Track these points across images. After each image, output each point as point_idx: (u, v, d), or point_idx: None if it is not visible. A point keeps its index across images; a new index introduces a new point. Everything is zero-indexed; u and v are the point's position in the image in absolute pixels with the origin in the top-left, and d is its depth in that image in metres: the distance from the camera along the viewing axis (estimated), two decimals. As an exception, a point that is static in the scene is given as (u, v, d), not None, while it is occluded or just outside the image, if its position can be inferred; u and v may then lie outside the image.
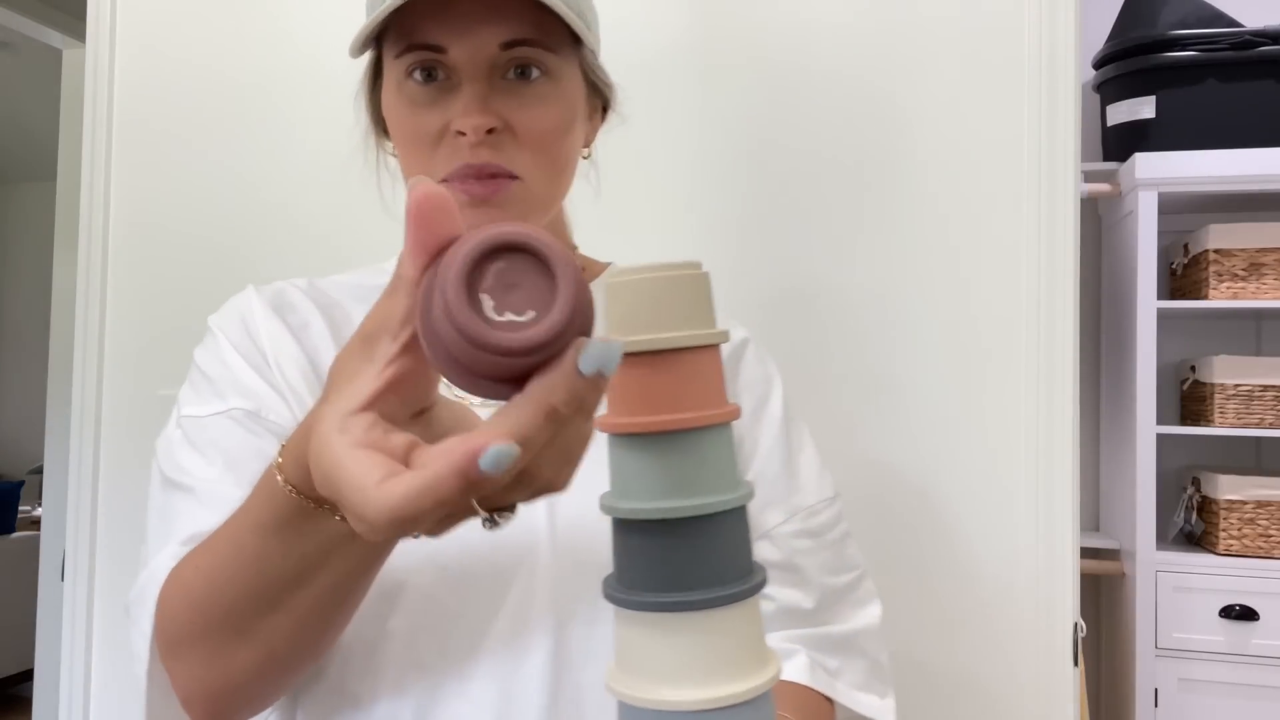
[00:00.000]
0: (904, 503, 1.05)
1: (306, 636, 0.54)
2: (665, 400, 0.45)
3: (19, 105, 4.19)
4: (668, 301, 0.46)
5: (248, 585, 0.52)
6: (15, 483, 4.22)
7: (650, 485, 0.45)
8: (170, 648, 0.56)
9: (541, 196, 0.67)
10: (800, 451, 0.77)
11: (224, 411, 0.66)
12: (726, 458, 0.47)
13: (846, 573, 0.76)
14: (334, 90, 1.25)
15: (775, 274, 1.10)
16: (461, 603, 0.62)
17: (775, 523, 0.74)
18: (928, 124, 1.07)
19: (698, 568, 0.46)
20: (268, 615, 0.52)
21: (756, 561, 0.49)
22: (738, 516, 0.47)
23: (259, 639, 0.53)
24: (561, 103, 0.66)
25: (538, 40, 0.63)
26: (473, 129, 0.62)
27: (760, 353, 0.80)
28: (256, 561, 0.51)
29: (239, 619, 0.53)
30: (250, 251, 1.27)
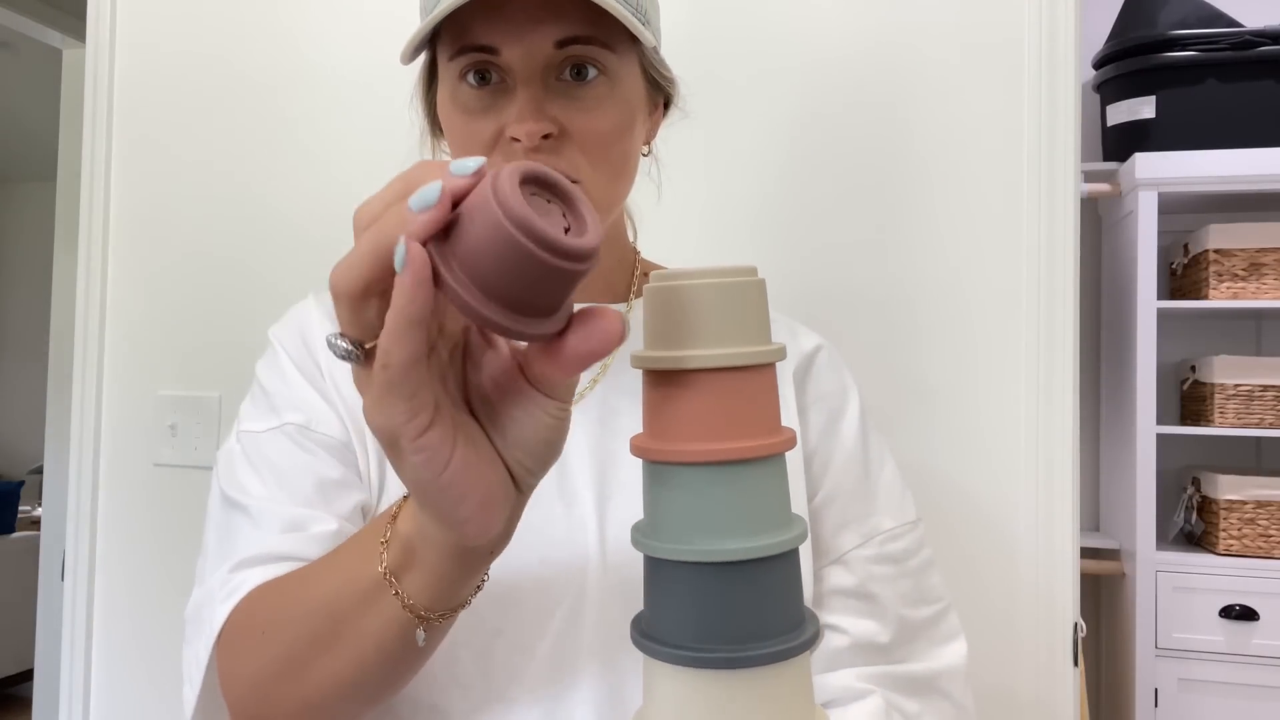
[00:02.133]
0: (904, 503, 1.05)
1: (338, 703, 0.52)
2: (713, 426, 0.40)
3: (19, 105, 4.19)
4: (730, 310, 0.41)
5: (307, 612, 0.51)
6: (15, 483, 4.21)
7: (691, 522, 0.40)
8: (232, 654, 0.56)
9: (601, 200, 0.64)
10: (880, 470, 0.72)
11: (278, 427, 0.66)
12: (778, 492, 0.42)
13: (928, 605, 0.70)
14: (334, 90, 1.25)
15: (772, 276, 1.10)
16: (505, 620, 0.60)
17: (850, 546, 0.69)
18: (927, 124, 1.08)
19: (741, 618, 0.40)
20: (316, 662, 0.51)
21: (809, 610, 0.44)
22: (789, 561, 0.42)
23: (305, 686, 0.52)
24: (620, 103, 0.63)
25: (593, 38, 0.61)
26: (527, 135, 0.59)
27: (834, 361, 0.75)
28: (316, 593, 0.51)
29: (294, 653, 0.52)
30: (250, 251, 1.27)
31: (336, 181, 1.24)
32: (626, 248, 0.75)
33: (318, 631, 0.50)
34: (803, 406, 0.72)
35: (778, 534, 0.41)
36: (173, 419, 1.28)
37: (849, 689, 0.66)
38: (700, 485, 0.40)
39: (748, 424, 0.40)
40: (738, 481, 0.40)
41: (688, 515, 0.40)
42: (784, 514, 0.42)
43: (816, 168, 1.10)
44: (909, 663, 0.68)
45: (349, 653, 0.49)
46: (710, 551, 0.40)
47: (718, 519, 0.40)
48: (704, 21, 1.12)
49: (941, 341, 1.07)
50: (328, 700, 0.51)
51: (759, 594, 0.40)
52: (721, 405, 0.40)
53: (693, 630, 0.40)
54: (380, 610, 0.47)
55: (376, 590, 0.47)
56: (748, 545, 0.40)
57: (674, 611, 0.41)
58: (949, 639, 0.70)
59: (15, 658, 3.90)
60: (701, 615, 0.40)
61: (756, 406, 0.41)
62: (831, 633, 0.68)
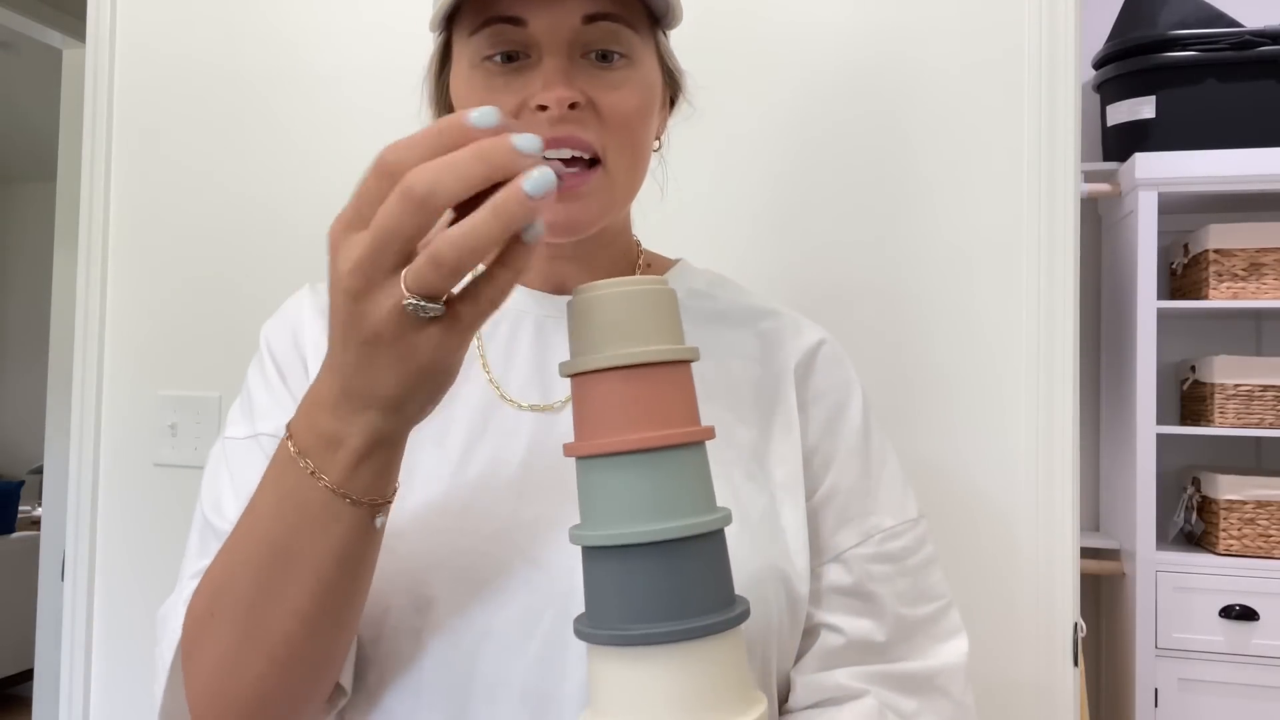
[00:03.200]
0: (904, 503, 1.05)
1: (305, 643, 0.53)
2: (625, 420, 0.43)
3: (19, 105, 4.19)
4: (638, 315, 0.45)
5: (249, 564, 0.53)
6: (15, 483, 4.22)
7: (613, 510, 0.43)
8: (188, 652, 0.57)
9: (623, 185, 0.64)
10: (881, 467, 0.71)
11: (253, 437, 0.67)
12: (696, 479, 0.44)
13: (928, 603, 0.69)
14: (334, 90, 1.25)
15: (773, 275, 1.10)
16: (494, 622, 0.59)
17: (849, 544, 0.68)
18: (928, 124, 1.08)
19: (665, 598, 0.43)
20: (268, 607, 0.52)
21: (739, 595, 0.46)
22: (710, 542, 0.44)
23: (263, 641, 0.52)
24: (643, 86, 0.63)
25: (620, 15, 0.61)
26: (556, 102, 0.58)
27: (837, 356, 0.74)
28: (256, 537, 0.52)
29: (246, 613, 0.53)
30: (250, 251, 1.27)
31: (336, 181, 1.23)
32: (629, 240, 0.75)
33: (270, 580, 0.52)
34: (803, 402, 0.71)
35: (695, 517, 0.43)
36: (173, 419, 1.28)
37: (843, 688, 0.66)
38: (618, 474, 0.43)
39: (660, 417, 0.44)
40: (653, 469, 0.43)
41: (609, 504, 0.44)
42: (702, 499, 0.45)
43: (816, 166, 1.10)
44: (907, 661, 0.67)
45: (308, 581, 0.51)
46: (628, 534, 0.43)
47: (636, 505, 0.43)
48: (708, 20, 1.12)
49: (941, 341, 1.07)
50: (293, 643, 0.52)
51: (679, 574, 0.43)
52: (633, 400, 0.44)
53: (619, 612, 0.43)
54: (330, 525, 0.50)
55: (327, 510, 0.49)
56: (663, 527, 0.43)
57: (603, 596, 0.44)
58: (949, 636, 0.69)
59: (15, 658, 3.90)
60: (626, 597, 0.43)
61: (669, 401, 0.44)
62: (828, 632, 0.67)
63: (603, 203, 0.63)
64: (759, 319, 0.74)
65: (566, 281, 0.71)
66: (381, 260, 0.42)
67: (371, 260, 0.43)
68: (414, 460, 0.63)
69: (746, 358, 0.72)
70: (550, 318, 0.70)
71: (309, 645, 0.53)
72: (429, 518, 0.62)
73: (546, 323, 0.70)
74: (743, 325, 0.74)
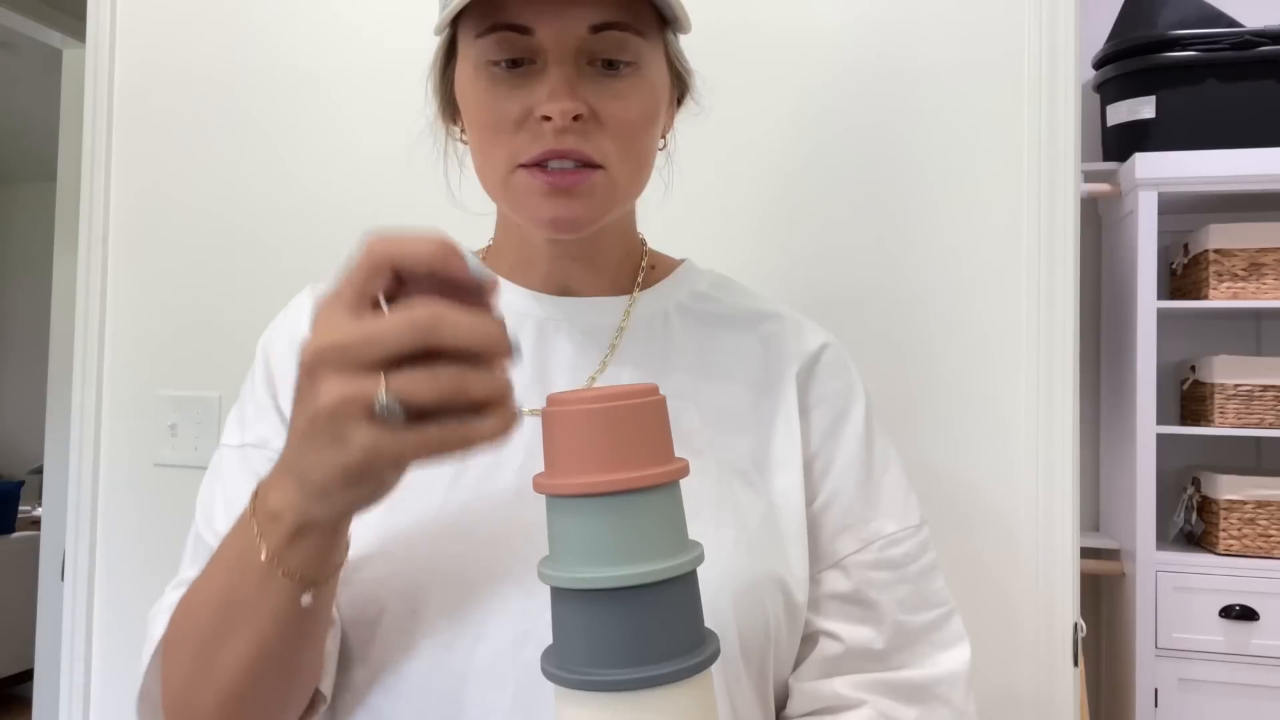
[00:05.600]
0: (904, 503, 1.05)
1: (252, 687, 0.55)
2: (593, 460, 0.43)
3: (19, 105, 4.19)
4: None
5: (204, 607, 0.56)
6: (15, 483, 4.22)
7: (580, 551, 0.43)
8: (163, 666, 0.59)
9: (624, 188, 0.64)
10: (883, 473, 0.71)
11: (240, 446, 0.69)
12: (666, 520, 0.44)
13: (929, 610, 0.68)
14: (334, 90, 1.25)
15: (775, 275, 1.10)
16: (488, 625, 0.59)
17: (849, 551, 0.68)
18: (929, 124, 1.07)
19: (632, 642, 0.42)
20: (216, 651, 0.54)
21: (709, 630, 0.46)
22: (679, 585, 0.44)
23: (213, 679, 0.55)
24: (649, 92, 0.64)
25: (627, 24, 0.61)
26: (559, 113, 0.59)
27: (840, 360, 0.73)
28: (211, 584, 0.55)
29: (198, 650, 0.55)
30: (251, 251, 1.27)
31: (336, 181, 1.23)
32: (634, 240, 0.75)
33: (220, 625, 0.54)
34: (805, 407, 0.70)
35: (661, 561, 0.42)
36: (173, 419, 1.28)
37: (840, 697, 0.65)
38: (584, 516, 0.43)
39: (629, 457, 0.43)
40: (620, 512, 0.42)
41: (574, 545, 0.43)
42: (671, 541, 0.43)
43: (817, 167, 1.10)
44: (907, 669, 0.66)
45: (249, 634, 0.53)
46: (591, 579, 0.42)
47: (602, 549, 0.42)
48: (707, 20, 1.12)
49: (941, 341, 1.07)
50: (241, 684, 0.54)
51: (644, 620, 0.42)
52: (601, 440, 0.43)
53: (588, 656, 0.42)
54: (266, 592, 0.51)
55: (264, 576, 0.51)
56: (628, 573, 0.42)
57: (571, 638, 0.43)
58: (951, 644, 0.68)
59: (15, 658, 3.90)
60: (595, 641, 0.42)
61: (640, 438, 0.43)
62: (826, 639, 0.67)
63: (602, 202, 0.63)
64: (761, 322, 0.74)
65: (569, 282, 0.71)
66: (361, 354, 0.43)
67: (350, 349, 0.43)
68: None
69: (748, 362, 0.71)
70: (552, 320, 0.70)
71: (256, 689, 0.55)
72: (425, 523, 0.62)
73: (547, 325, 0.70)
74: (745, 329, 0.73)
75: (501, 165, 0.63)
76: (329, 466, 0.45)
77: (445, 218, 0.83)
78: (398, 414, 0.43)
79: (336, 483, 0.46)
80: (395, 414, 0.43)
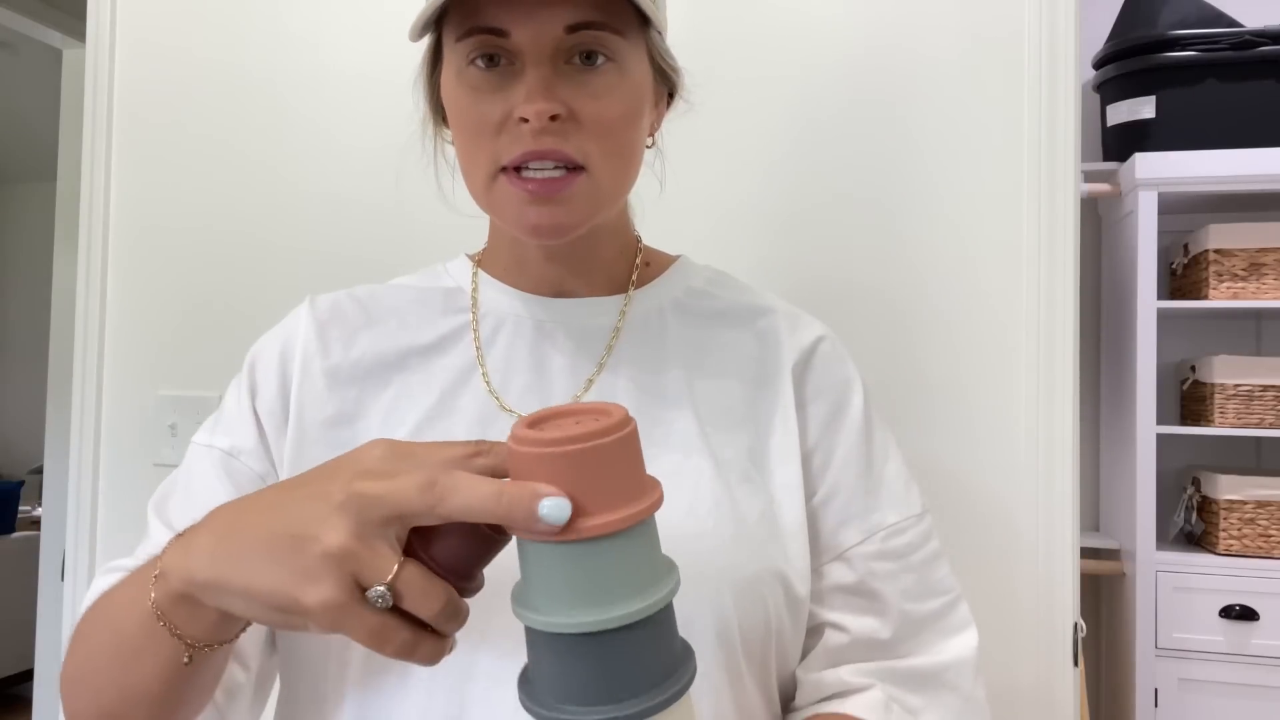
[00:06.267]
0: (904, 503, 1.05)
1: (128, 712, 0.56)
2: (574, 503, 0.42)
3: (19, 105, 4.19)
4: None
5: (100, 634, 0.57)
6: (15, 483, 4.22)
7: (549, 594, 0.43)
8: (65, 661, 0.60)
9: (608, 189, 0.64)
10: (884, 463, 0.71)
11: (208, 445, 0.70)
12: (640, 557, 0.43)
13: (934, 598, 0.68)
14: (334, 90, 1.25)
15: (772, 273, 1.10)
16: (489, 626, 0.59)
17: (852, 543, 0.68)
18: (928, 123, 1.08)
19: (607, 681, 0.42)
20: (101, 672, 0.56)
21: (685, 649, 0.46)
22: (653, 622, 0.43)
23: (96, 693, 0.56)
24: (628, 90, 0.63)
25: (604, 23, 0.61)
26: (536, 114, 0.59)
27: (835, 353, 0.73)
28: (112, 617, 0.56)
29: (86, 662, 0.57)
30: (250, 251, 1.27)
31: (336, 181, 1.23)
32: (629, 238, 0.75)
33: (105, 646, 0.55)
34: (802, 401, 0.70)
35: (632, 603, 0.42)
36: (173, 419, 1.28)
37: (846, 684, 0.65)
38: (553, 559, 0.42)
39: (595, 500, 0.42)
40: (587, 558, 0.42)
41: (545, 585, 0.43)
42: (642, 577, 0.43)
43: (817, 166, 1.10)
44: (913, 657, 0.67)
45: (132, 667, 0.54)
46: (561, 624, 0.42)
47: (571, 591, 0.42)
48: (706, 17, 1.12)
49: (941, 341, 1.07)
50: (116, 706, 0.56)
51: (614, 661, 0.42)
52: (564, 484, 0.42)
53: (555, 692, 0.43)
54: (151, 640, 0.52)
55: (150, 621, 0.51)
56: (596, 619, 0.41)
57: (544, 674, 0.44)
58: (958, 630, 0.68)
59: (15, 658, 3.90)
60: (567, 680, 0.43)
61: (603, 482, 0.42)
62: (832, 630, 0.67)
63: (585, 206, 0.63)
64: (757, 317, 0.74)
65: (564, 283, 0.71)
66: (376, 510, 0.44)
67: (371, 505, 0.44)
68: None
69: (744, 357, 0.71)
70: (548, 322, 0.70)
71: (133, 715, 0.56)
72: None
73: (544, 327, 0.70)
74: (741, 324, 0.73)
75: (484, 169, 0.63)
76: (273, 587, 0.45)
77: (440, 220, 0.83)
78: (386, 603, 0.43)
79: (265, 601, 0.45)
80: (383, 602, 0.43)
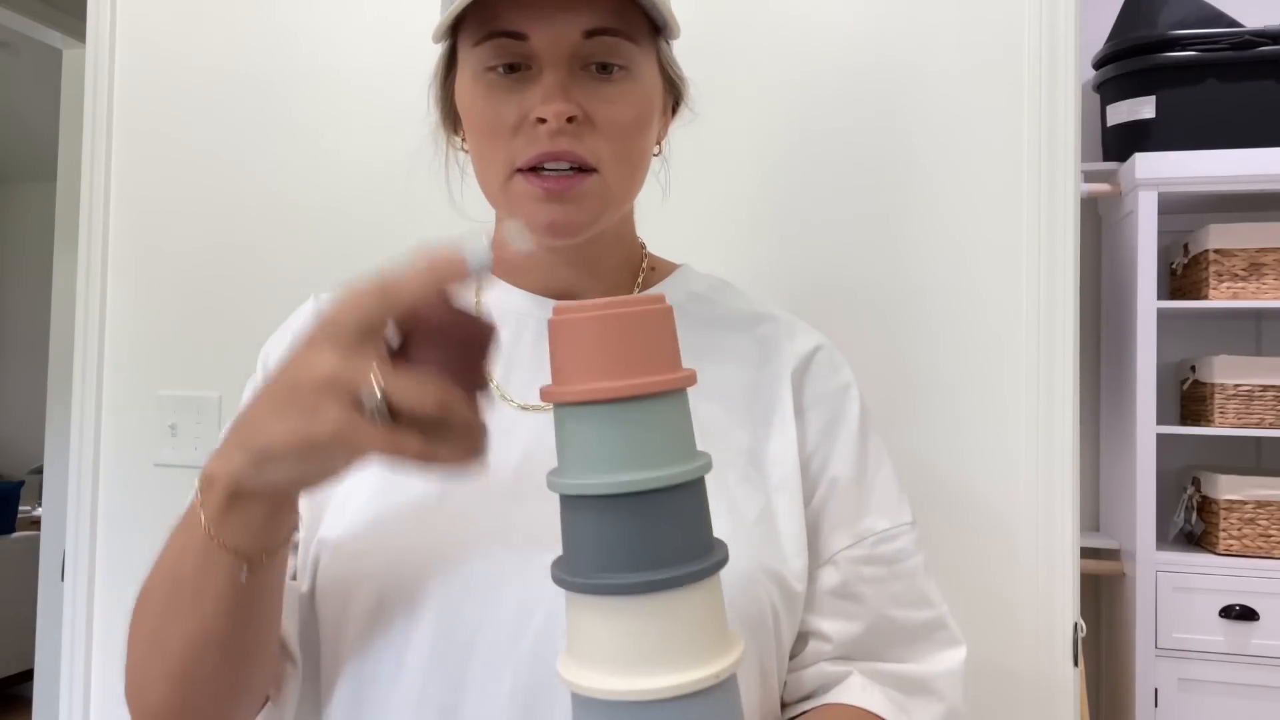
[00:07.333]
0: (904, 503, 1.05)
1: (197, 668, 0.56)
2: (600, 367, 0.43)
3: (19, 105, 4.19)
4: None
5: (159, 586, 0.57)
6: (15, 483, 4.22)
7: (589, 459, 0.43)
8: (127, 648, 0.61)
9: (617, 192, 0.66)
10: (876, 471, 0.72)
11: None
12: (673, 428, 0.44)
13: (925, 608, 0.70)
14: (334, 90, 1.25)
15: (773, 276, 1.10)
16: (486, 617, 0.60)
17: (841, 546, 0.69)
18: (928, 124, 1.07)
19: (643, 547, 0.43)
20: (166, 629, 0.56)
21: (718, 540, 0.46)
22: (686, 492, 0.44)
23: (163, 659, 0.56)
24: (641, 97, 0.65)
25: (620, 30, 0.63)
26: (554, 115, 0.61)
27: (834, 361, 0.75)
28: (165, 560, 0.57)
29: (151, 630, 0.57)
30: (251, 251, 1.27)
31: (337, 180, 1.23)
32: (633, 244, 0.76)
33: (168, 600, 0.56)
34: (800, 408, 0.71)
35: (669, 468, 0.43)
36: (173, 419, 1.28)
37: (825, 674, 0.67)
38: (591, 423, 0.43)
39: (636, 364, 0.43)
40: (627, 418, 0.43)
41: (583, 452, 0.43)
42: (679, 448, 0.44)
43: (817, 167, 1.10)
44: (903, 663, 0.68)
45: (192, 611, 0.54)
46: (600, 485, 0.42)
47: (610, 455, 0.43)
48: (708, 22, 1.12)
49: (941, 341, 1.07)
50: (186, 665, 0.56)
51: (652, 525, 0.43)
52: (606, 347, 0.43)
53: (593, 561, 0.43)
54: (209, 565, 0.53)
55: (204, 548, 0.52)
56: (636, 478, 0.42)
57: (581, 545, 0.44)
58: (950, 645, 0.70)
59: (15, 658, 3.90)
60: (604, 546, 0.43)
61: (646, 346, 0.44)
62: (816, 640, 0.69)
63: (596, 206, 0.64)
64: (757, 323, 0.75)
65: (568, 286, 0.72)
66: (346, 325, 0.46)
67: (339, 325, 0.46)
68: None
69: (744, 362, 0.72)
70: None
71: (200, 672, 0.56)
72: (425, 514, 0.63)
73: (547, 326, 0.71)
74: (741, 330, 0.74)
75: (500, 170, 0.64)
76: (289, 435, 0.46)
77: (441, 220, 0.83)
78: (382, 410, 0.44)
79: (289, 452, 0.46)
80: (379, 409, 0.44)
